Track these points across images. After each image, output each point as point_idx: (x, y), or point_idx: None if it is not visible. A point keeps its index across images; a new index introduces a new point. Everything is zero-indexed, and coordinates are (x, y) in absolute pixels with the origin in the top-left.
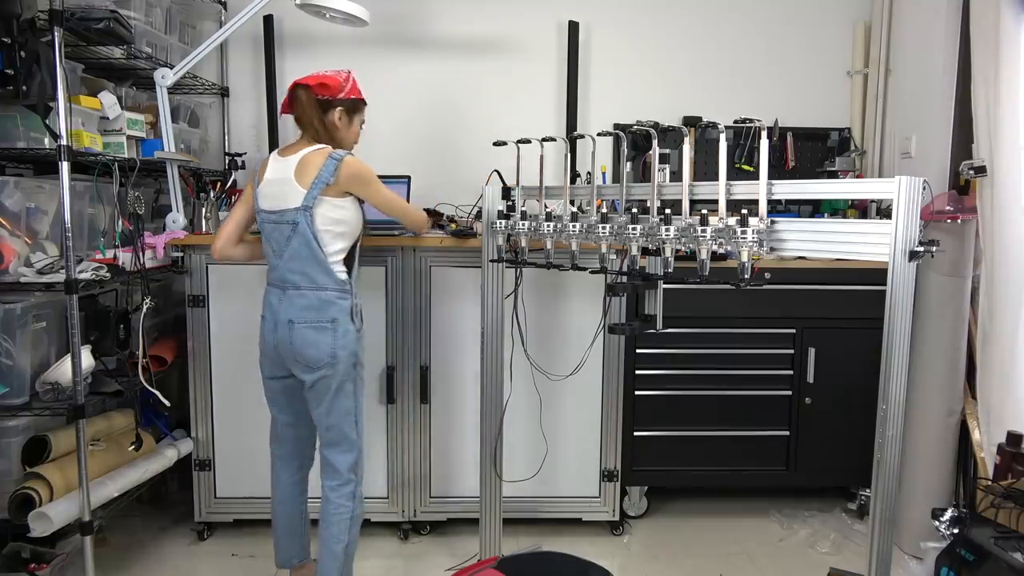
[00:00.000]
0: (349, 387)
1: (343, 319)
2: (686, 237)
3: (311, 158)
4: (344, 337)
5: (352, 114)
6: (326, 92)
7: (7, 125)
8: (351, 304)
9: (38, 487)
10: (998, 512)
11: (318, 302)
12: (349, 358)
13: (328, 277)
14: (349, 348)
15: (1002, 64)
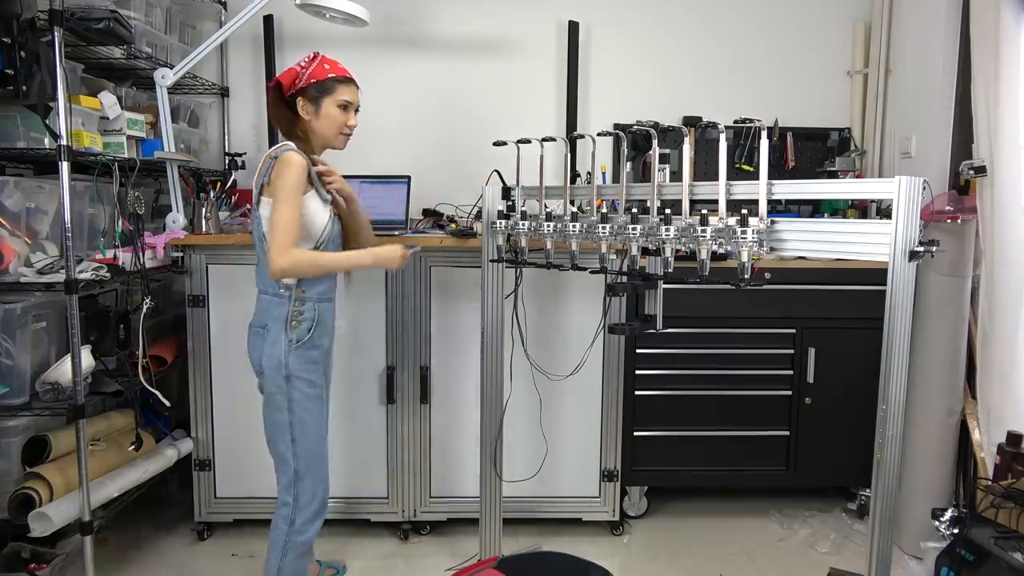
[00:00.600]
0: (280, 400)
1: (274, 327)
2: (686, 237)
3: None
4: (272, 346)
5: (319, 99)
6: (285, 85)
7: (7, 125)
8: (287, 312)
9: (38, 487)
10: (998, 512)
11: (260, 306)
12: (277, 370)
13: (267, 281)
14: (276, 359)
15: (1002, 64)
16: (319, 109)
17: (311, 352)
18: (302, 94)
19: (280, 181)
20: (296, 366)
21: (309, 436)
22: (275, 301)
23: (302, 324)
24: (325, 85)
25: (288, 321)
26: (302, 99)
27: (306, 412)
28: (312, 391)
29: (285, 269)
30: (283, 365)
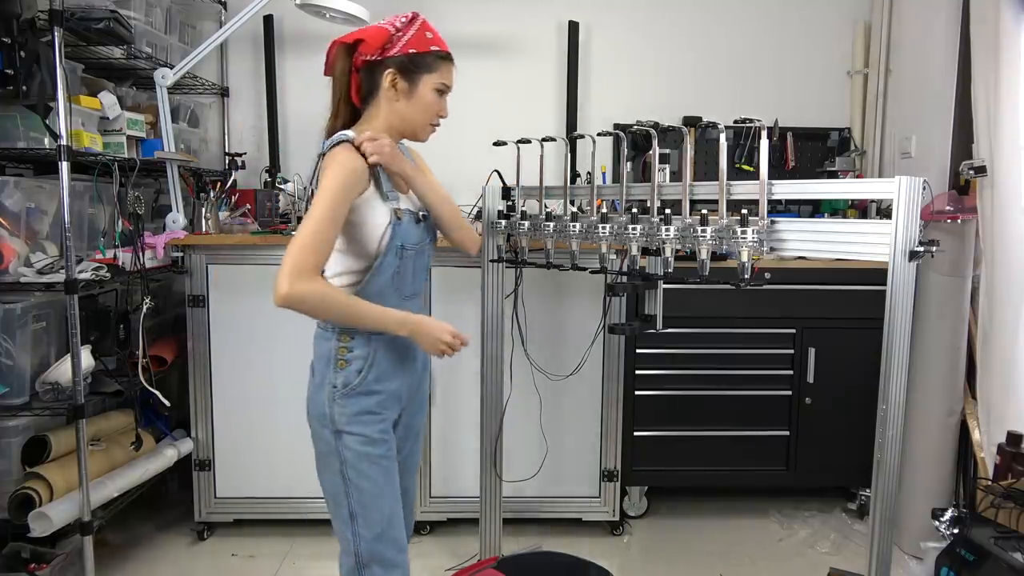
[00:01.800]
0: (331, 461)
1: (319, 368)
2: (686, 237)
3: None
4: (316, 392)
5: (415, 75)
6: (371, 47)
7: (7, 125)
8: (333, 348)
9: (38, 487)
10: (998, 512)
11: (314, 337)
12: (321, 422)
13: None
14: (320, 408)
15: (1002, 64)
16: (414, 88)
17: (366, 400)
18: (394, 65)
19: (324, 183)
20: (344, 419)
21: (370, 509)
22: (320, 334)
23: (350, 365)
24: (426, 59)
25: (332, 361)
26: (393, 71)
27: (363, 478)
28: (371, 450)
29: (286, 298)
30: (328, 417)
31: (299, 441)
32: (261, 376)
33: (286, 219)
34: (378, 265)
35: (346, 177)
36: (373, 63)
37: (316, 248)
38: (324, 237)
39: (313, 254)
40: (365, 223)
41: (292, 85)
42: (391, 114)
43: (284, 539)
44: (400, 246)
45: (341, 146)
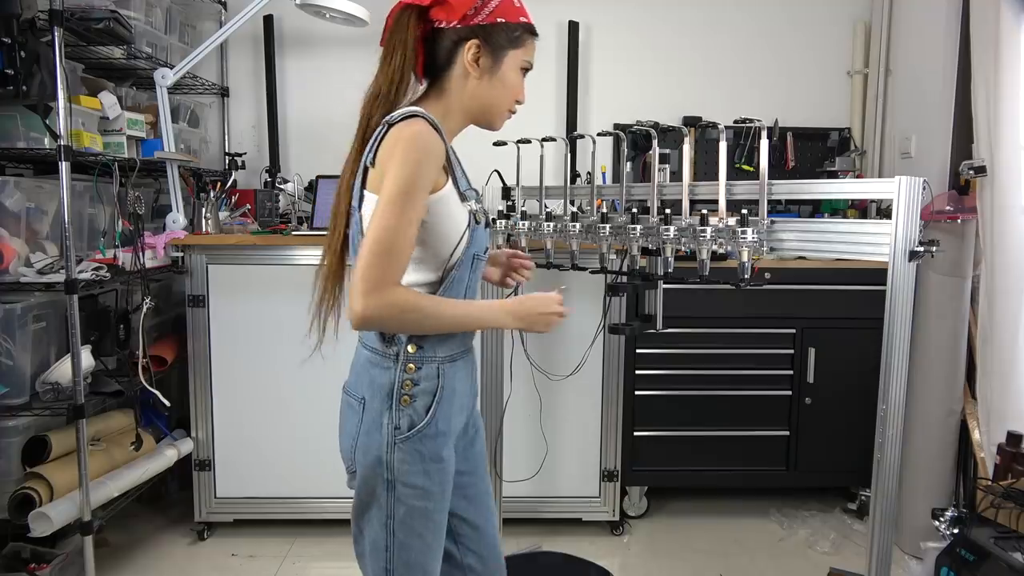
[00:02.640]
0: (376, 514)
1: (374, 403)
2: (686, 237)
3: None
4: (369, 434)
5: (503, 50)
6: (446, 14)
7: (7, 125)
8: (393, 379)
9: (38, 487)
10: (998, 512)
11: (357, 363)
12: (374, 469)
13: None
14: (373, 453)
15: (1002, 64)
16: (497, 66)
17: (432, 445)
18: (480, 36)
19: (397, 168)
20: (405, 467)
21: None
22: (373, 359)
23: (415, 401)
24: (515, 32)
25: (395, 395)
26: (477, 43)
27: (413, 536)
28: (427, 505)
29: (372, 318)
30: (383, 464)
31: (299, 441)
32: (261, 376)
33: (286, 219)
34: (451, 279)
35: (426, 159)
36: (450, 31)
37: (391, 252)
38: (400, 237)
39: (388, 260)
40: (439, 226)
41: (292, 85)
42: (467, 95)
43: (284, 539)
44: (475, 255)
45: (415, 120)
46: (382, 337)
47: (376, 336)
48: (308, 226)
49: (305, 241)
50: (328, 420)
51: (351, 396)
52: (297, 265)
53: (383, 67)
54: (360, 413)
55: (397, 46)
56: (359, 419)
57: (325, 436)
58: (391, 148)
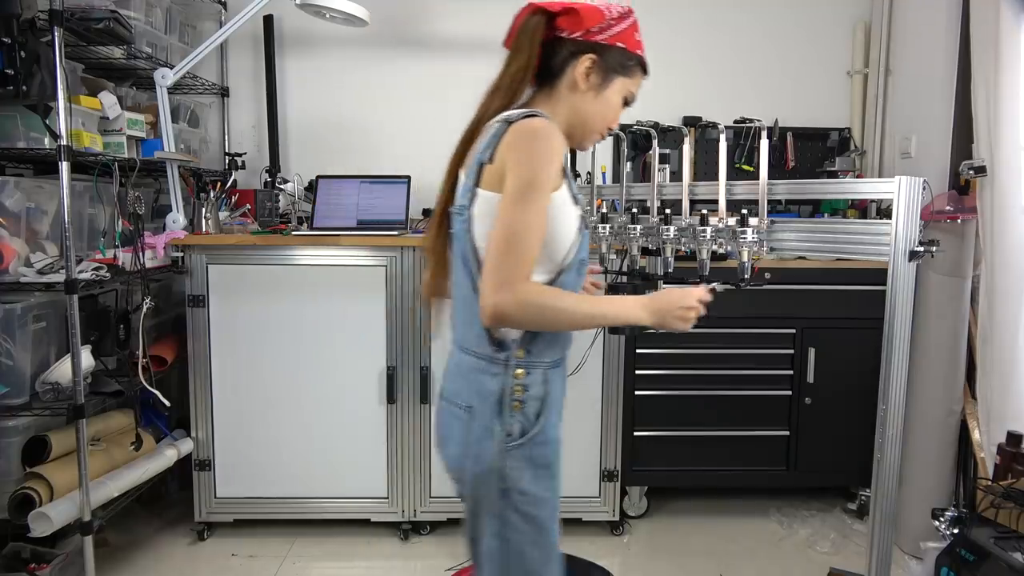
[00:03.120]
0: (491, 523)
1: (483, 410)
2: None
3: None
4: (480, 443)
5: (613, 74)
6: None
7: (7, 125)
8: (503, 385)
9: (38, 487)
10: (998, 512)
11: (461, 370)
12: (487, 479)
13: (476, 331)
14: (486, 462)
15: (1002, 64)
16: (604, 87)
17: (542, 451)
18: (597, 53)
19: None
20: (518, 474)
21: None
22: (478, 365)
23: (526, 406)
24: (630, 61)
25: (506, 401)
26: (593, 59)
27: (529, 544)
28: (541, 514)
29: (507, 314)
30: (496, 473)
31: (299, 441)
32: (261, 376)
33: (286, 219)
34: (561, 283)
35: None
36: (570, 42)
37: (521, 248)
38: (530, 233)
39: (518, 256)
40: (555, 227)
41: (292, 85)
42: (569, 107)
43: (284, 539)
44: (581, 260)
45: (537, 118)
46: (491, 341)
47: (485, 341)
48: (308, 226)
49: (305, 241)
50: (328, 420)
51: (455, 404)
52: (297, 265)
53: (507, 66)
54: (468, 421)
55: (523, 47)
56: (467, 427)
57: (325, 436)
58: (515, 144)
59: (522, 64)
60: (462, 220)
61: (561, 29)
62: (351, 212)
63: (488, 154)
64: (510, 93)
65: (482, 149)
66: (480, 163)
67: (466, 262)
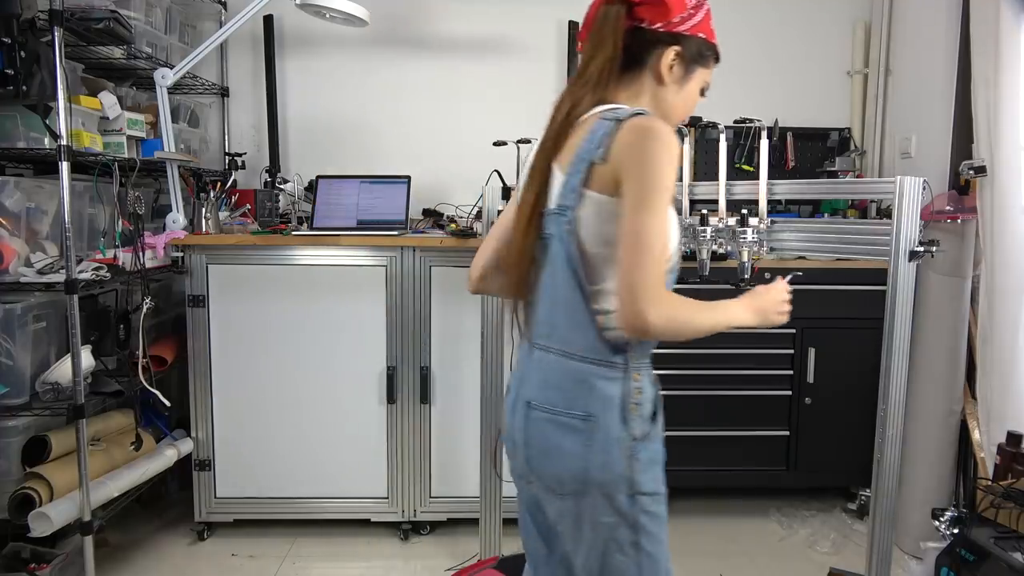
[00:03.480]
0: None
1: (606, 418)
2: (686, 237)
3: (587, 124)
4: (605, 452)
5: (695, 64)
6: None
7: (7, 125)
8: (625, 389)
9: (38, 487)
10: (998, 512)
11: (568, 377)
12: (616, 487)
13: (589, 335)
14: (614, 470)
15: (1002, 64)
16: (687, 79)
17: (657, 448)
18: (683, 44)
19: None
20: (644, 477)
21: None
22: (600, 372)
23: (641, 408)
24: (709, 52)
25: (628, 406)
26: (679, 51)
27: (656, 543)
28: (660, 509)
29: (654, 327)
30: (625, 478)
31: (299, 441)
32: (261, 376)
33: (286, 219)
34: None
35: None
36: (651, 33)
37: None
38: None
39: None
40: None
41: (292, 85)
42: (653, 100)
43: (284, 539)
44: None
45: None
46: (608, 346)
47: (601, 346)
48: (308, 226)
49: (305, 241)
50: (328, 420)
51: (563, 414)
52: (297, 265)
53: (592, 58)
54: (589, 431)
55: (607, 38)
56: (588, 437)
57: (325, 436)
58: (637, 146)
59: (608, 55)
60: (565, 222)
61: (641, 19)
62: (351, 212)
63: (601, 153)
64: (600, 86)
65: (592, 147)
66: (590, 162)
67: (572, 265)
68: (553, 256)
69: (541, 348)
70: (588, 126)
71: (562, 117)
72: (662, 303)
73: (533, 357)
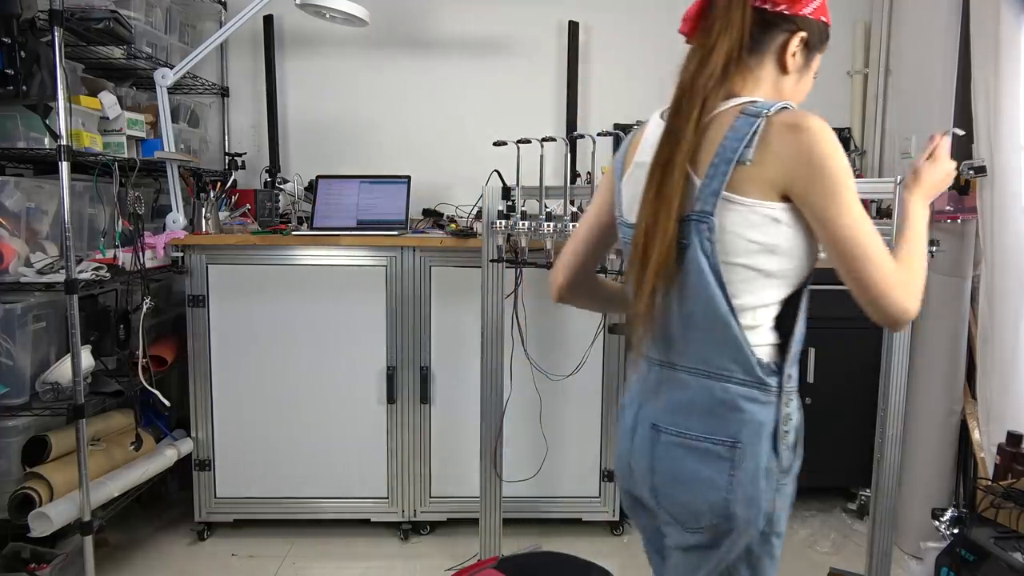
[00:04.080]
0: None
1: (753, 445)
2: None
3: (721, 119)
4: (752, 482)
5: (814, 51)
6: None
7: (7, 125)
8: (777, 415)
9: (38, 487)
10: (998, 512)
11: (709, 399)
12: (754, 523)
13: (734, 355)
14: (758, 503)
15: (1002, 64)
16: (807, 66)
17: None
18: (808, 29)
19: (829, 167)
20: (783, 516)
21: None
22: (750, 394)
23: (788, 435)
24: (826, 36)
25: (779, 434)
26: (803, 36)
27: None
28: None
29: (916, 310)
30: (766, 517)
31: (299, 441)
32: (261, 376)
33: (286, 219)
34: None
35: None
36: (775, 16)
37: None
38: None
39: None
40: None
41: (292, 85)
42: (774, 89)
43: (284, 539)
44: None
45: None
46: (762, 366)
47: (752, 365)
48: (308, 226)
49: (305, 241)
50: (328, 420)
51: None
52: (297, 265)
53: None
54: (736, 459)
55: (734, 21)
56: (732, 466)
57: (325, 436)
58: (799, 145)
59: (735, 41)
60: (706, 229)
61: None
62: (351, 212)
63: (749, 153)
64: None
65: (736, 147)
66: (734, 162)
67: (715, 277)
68: (690, 267)
69: (668, 366)
70: (725, 122)
71: (695, 111)
72: (908, 289)
73: (655, 376)
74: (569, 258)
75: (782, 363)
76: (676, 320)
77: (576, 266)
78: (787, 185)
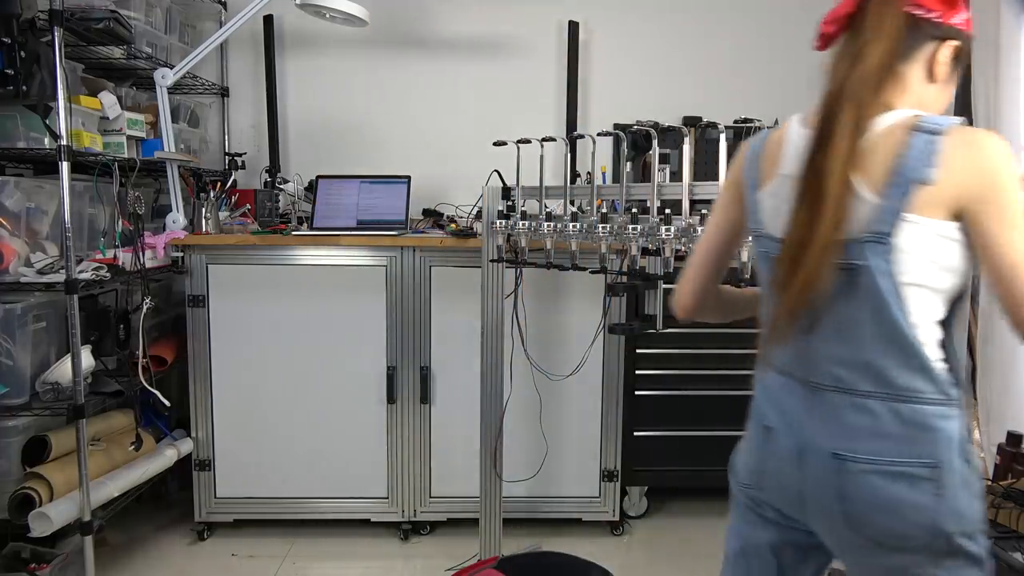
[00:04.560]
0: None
1: (950, 458)
2: (686, 237)
3: (891, 134)
4: (955, 496)
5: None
6: (935, 4)
7: (7, 125)
8: (961, 425)
9: (38, 487)
10: (998, 512)
11: (898, 422)
12: (967, 533)
13: (922, 374)
14: (967, 514)
15: (1002, 64)
16: (953, 78)
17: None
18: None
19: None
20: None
21: None
22: (941, 412)
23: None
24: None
25: (964, 442)
26: (955, 46)
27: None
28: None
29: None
30: (974, 522)
31: (299, 441)
32: (261, 376)
33: (286, 219)
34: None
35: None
36: (930, 25)
37: None
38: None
39: None
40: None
41: (292, 85)
42: (917, 101)
43: (284, 539)
44: None
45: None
46: (945, 381)
47: (939, 383)
48: (308, 226)
49: (305, 241)
50: (328, 420)
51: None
52: (297, 265)
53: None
54: (938, 479)
55: (886, 28)
56: (936, 486)
57: (325, 436)
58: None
59: (889, 49)
60: (885, 251)
61: (919, 7)
62: (351, 212)
63: (931, 173)
64: (883, 86)
65: (917, 165)
66: (917, 183)
67: (894, 299)
68: (865, 289)
69: (839, 391)
70: (897, 138)
71: (852, 119)
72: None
73: (820, 400)
74: (695, 281)
75: (951, 370)
76: (847, 342)
77: (703, 287)
78: (964, 205)
